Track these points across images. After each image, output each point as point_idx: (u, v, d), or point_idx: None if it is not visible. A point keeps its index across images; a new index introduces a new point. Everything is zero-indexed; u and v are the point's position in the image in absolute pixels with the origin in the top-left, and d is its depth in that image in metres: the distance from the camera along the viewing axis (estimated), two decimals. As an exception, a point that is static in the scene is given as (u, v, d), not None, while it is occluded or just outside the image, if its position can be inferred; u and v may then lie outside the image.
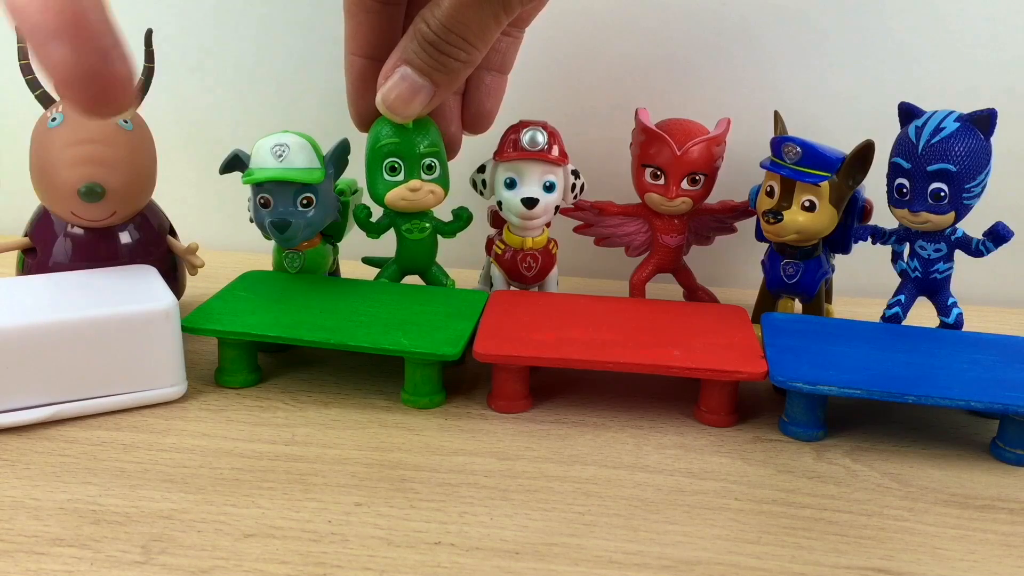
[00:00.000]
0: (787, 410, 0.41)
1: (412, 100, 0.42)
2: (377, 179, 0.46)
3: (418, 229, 0.47)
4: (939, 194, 0.42)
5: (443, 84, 0.41)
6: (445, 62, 0.40)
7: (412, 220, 0.47)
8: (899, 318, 0.45)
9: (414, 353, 0.40)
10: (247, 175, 0.44)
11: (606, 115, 0.57)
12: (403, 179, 0.45)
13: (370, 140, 0.46)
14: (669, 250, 0.50)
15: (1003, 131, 0.42)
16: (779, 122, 0.46)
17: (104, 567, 0.30)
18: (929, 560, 0.32)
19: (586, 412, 0.42)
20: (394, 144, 0.45)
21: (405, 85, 0.41)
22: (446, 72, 0.41)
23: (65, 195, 0.42)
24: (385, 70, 0.42)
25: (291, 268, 0.47)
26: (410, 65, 0.41)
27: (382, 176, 0.46)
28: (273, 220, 0.44)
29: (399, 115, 0.43)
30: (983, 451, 0.40)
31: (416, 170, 0.45)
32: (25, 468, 0.35)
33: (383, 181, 0.46)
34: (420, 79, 0.41)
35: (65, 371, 0.38)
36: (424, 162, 0.46)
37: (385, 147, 0.45)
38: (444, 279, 0.49)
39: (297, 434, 0.39)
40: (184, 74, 0.60)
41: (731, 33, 0.56)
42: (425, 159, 0.46)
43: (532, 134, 0.45)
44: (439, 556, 0.31)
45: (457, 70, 0.41)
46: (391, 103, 0.42)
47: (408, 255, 0.48)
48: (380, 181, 0.46)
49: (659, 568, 0.31)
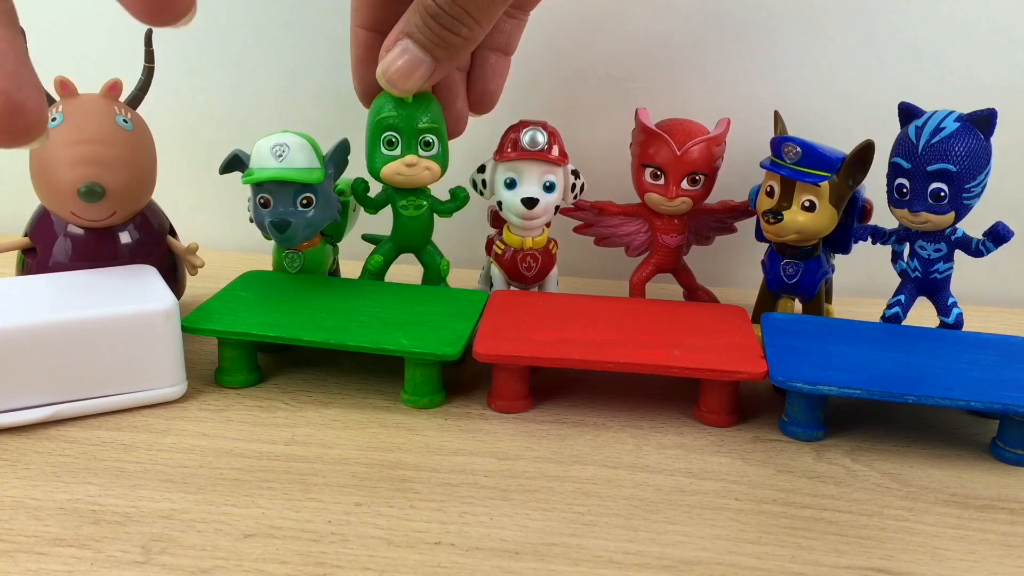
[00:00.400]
0: (787, 410, 0.41)
1: (412, 74, 0.41)
2: (375, 153, 0.46)
3: (414, 206, 0.47)
4: (939, 194, 0.42)
5: (443, 59, 0.41)
6: (447, 37, 0.40)
7: (408, 196, 0.47)
8: (899, 318, 0.45)
9: (414, 353, 0.40)
10: (247, 175, 0.44)
11: (606, 115, 0.57)
12: (400, 154, 0.45)
13: (371, 113, 0.46)
14: (669, 250, 0.50)
15: (1003, 131, 0.42)
16: (779, 122, 0.46)
17: (104, 567, 0.30)
18: (929, 560, 0.32)
19: (586, 412, 0.42)
20: (393, 118, 0.45)
21: (406, 58, 0.41)
22: (447, 47, 0.41)
23: (65, 195, 0.42)
24: (387, 43, 0.42)
25: (291, 268, 0.47)
26: (412, 39, 0.41)
27: (379, 150, 0.46)
28: (273, 220, 0.44)
29: (398, 88, 0.42)
30: (983, 451, 0.40)
31: (413, 146, 0.45)
32: (25, 468, 0.35)
33: (380, 155, 0.46)
34: (421, 53, 0.41)
35: (65, 371, 0.38)
36: (422, 138, 0.45)
37: (384, 120, 0.45)
38: (439, 259, 0.49)
39: (297, 434, 0.39)
40: (184, 74, 0.60)
41: (731, 33, 0.56)
42: (424, 135, 0.45)
43: (532, 134, 0.45)
44: (439, 556, 0.31)
45: (459, 46, 0.41)
46: (391, 76, 0.42)
47: (404, 232, 0.48)
48: (377, 155, 0.46)
49: (659, 568, 0.31)
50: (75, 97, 0.43)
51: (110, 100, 0.43)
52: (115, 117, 0.43)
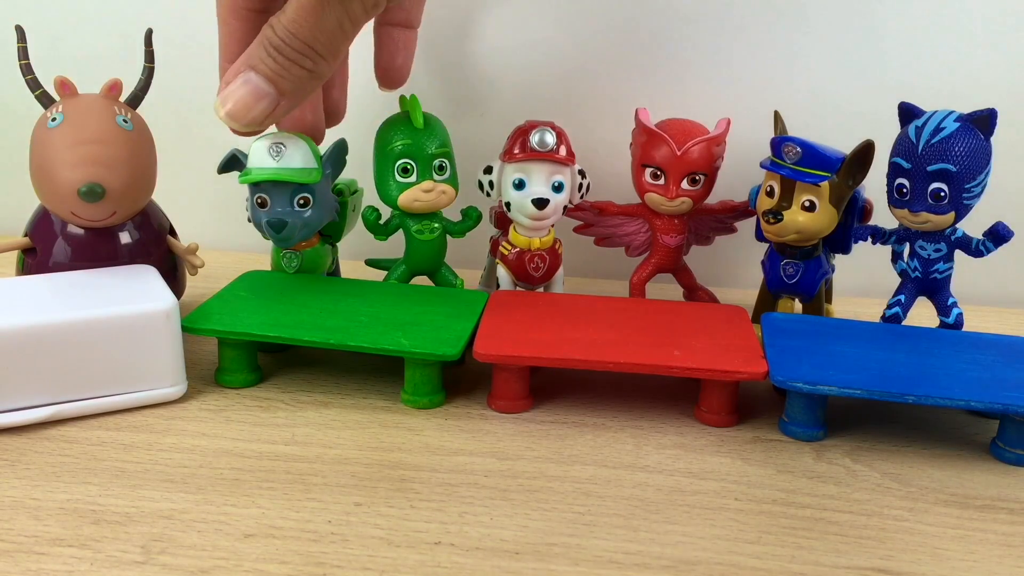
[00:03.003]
0: (787, 410, 0.41)
1: (254, 107, 0.38)
2: (389, 181, 0.46)
3: (428, 230, 0.48)
4: (939, 194, 0.42)
5: (288, 93, 0.38)
6: (291, 69, 0.38)
7: (423, 221, 0.47)
8: (899, 318, 0.45)
9: (414, 353, 0.40)
10: (243, 175, 0.44)
11: (606, 115, 0.57)
12: (415, 180, 0.46)
13: (379, 143, 0.46)
14: (669, 250, 0.50)
15: (1003, 131, 0.42)
16: (779, 122, 0.46)
17: (104, 567, 0.30)
18: (929, 560, 0.32)
19: (586, 412, 0.42)
20: (406, 146, 0.45)
21: (247, 89, 0.38)
22: (291, 80, 0.38)
23: (65, 195, 0.42)
24: (227, 76, 0.38)
25: (289, 268, 0.47)
26: (254, 70, 0.38)
27: (394, 178, 0.46)
28: (270, 220, 0.44)
29: (240, 122, 0.38)
30: (983, 451, 0.40)
31: (428, 171, 0.46)
32: (25, 468, 0.35)
33: (395, 183, 0.46)
34: (265, 85, 0.38)
35: (65, 371, 0.38)
36: (435, 163, 0.46)
37: (396, 149, 0.45)
38: (453, 279, 0.49)
39: (297, 434, 0.39)
40: (184, 74, 0.59)
41: (731, 33, 0.56)
42: (436, 160, 0.46)
43: (542, 135, 0.45)
44: (439, 556, 0.31)
45: (303, 79, 0.38)
46: (230, 109, 0.38)
47: (418, 256, 0.48)
48: (392, 183, 0.46)
49: (659, 568, 0.31)
50: (75, 97, 0.43)
51: (110, 100, 0.43)
52: (115, 117, 0.43)
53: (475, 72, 0.58)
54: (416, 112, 0.46)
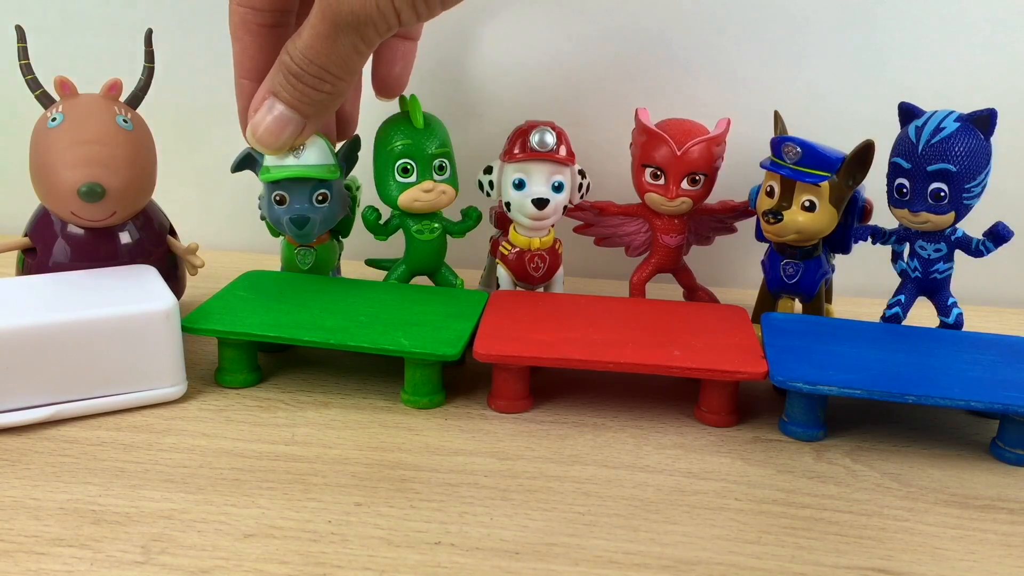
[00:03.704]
0: (787, 410, 0.41)
1: (282, 133, 0.41)
2: (389, 181, 0.46)
3: (428, 230, 0.48)
4: (939, 194, 0.42)
5: (312, 115, 0.41)
6: (310, 94, 0.40)
7: (423, 221, 0.47)
8: (899, 318, 0.45)
9: (414, 353, 0.40)
10: (264, 172, 0.44)
11: (606, 115, 0.57)
12: (416, 180, 0.46)
13: (380, 143, 0.46)
14: (669, 250, 0.50)
15: (1003, 131, 0.42)
16: (779, 122, 0.46)
17: (104, 567, 0.30)
18: (929, 560, 0.32)
19: (586, 412, 0.42)
20: (406, 146, 0.45)
21: (272, 117, 0.41)
22: (312, 104, 0.40)
23: (65, 195, 0.42)
24: (255, 102, 0.41)
25: (303, 265, 0.47)
26: (278, 97, 0.40)
27: (394, 178, 0.46)
28: (292, 217, 0.44)
29: (269, 148, 0.42)
30: (983, 451, 0.40)
31: (428, 171, 0.46)
32: (25, 468, 0.35)
33: (396, 183, 0.46)
34: (288, 112, 0.40)
35: (65, 371, 0.38)
36: (435, 163, 0.46)
37: (397, 149, 0.45)
38: (453, 279, 0.49)
39: (297, 434, 0.39)
40: (184, 74, 0.59)
41: (731, 33, 0.56)
42: (436, 160, 0.46)
43: (542, 135, 0.45)
44: (439, 556, 0.31)
45: (323, 101, 0.40)
46: (260, 136, 0.41)
47: (418, 256, 0.48)
48: (392, 183, 0.46)
49: (659, 568, 0.31)
50: (75, 97, 0.43)
51: (110, 100, 0.43)
52: (115, 117, 0.43)
53: (475, 72, 0.58)
54: (416, 112, 0.46)
